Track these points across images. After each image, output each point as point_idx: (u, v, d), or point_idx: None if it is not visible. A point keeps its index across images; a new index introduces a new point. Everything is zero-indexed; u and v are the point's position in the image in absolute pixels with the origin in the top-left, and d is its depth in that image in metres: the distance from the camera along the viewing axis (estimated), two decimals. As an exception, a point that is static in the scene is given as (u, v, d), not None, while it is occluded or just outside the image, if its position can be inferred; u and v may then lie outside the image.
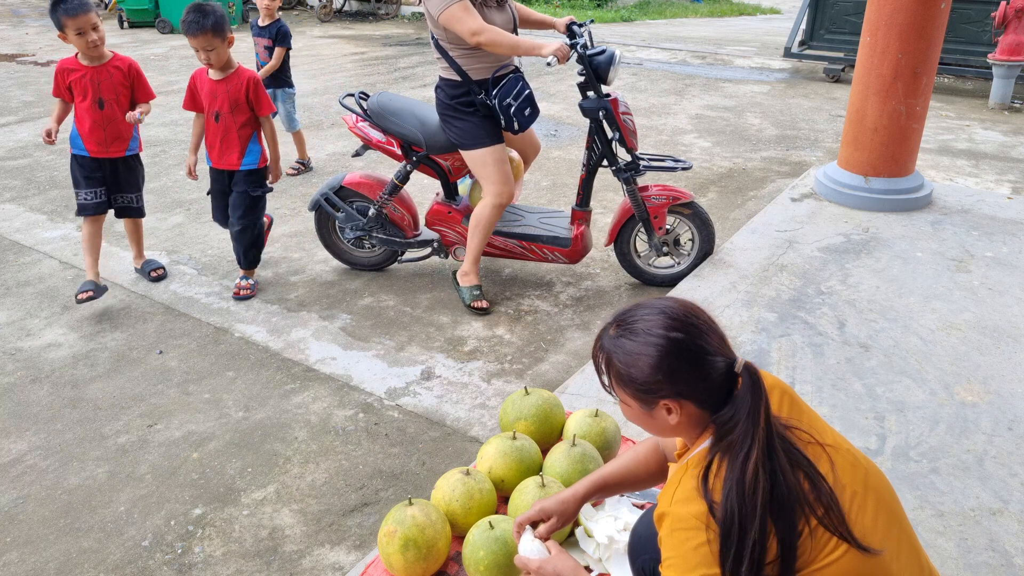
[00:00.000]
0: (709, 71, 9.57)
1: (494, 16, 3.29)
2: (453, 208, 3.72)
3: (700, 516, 1.22)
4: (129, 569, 2.19)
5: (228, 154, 3.58)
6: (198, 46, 3.38)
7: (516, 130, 3.38)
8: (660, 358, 1.27)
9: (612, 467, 1.75)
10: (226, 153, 3.58)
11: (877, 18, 4.26)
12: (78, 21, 3.30)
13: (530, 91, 3.37)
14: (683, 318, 1.30)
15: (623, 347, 1.32)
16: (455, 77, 3.33)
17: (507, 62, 3.41)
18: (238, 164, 3.59)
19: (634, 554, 1.66)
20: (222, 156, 3.59)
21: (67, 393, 3.01)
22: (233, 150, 3.57)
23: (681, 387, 1.28)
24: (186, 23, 3.33)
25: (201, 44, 3.36)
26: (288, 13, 14.56)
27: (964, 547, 2.09)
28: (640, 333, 1.30)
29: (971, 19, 8.06)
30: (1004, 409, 2.68)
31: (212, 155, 3.62)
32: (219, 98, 3.49)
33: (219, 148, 3.57)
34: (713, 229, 3.69)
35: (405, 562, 1.87)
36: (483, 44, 3.13)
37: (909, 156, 4.52)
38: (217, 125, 3.52)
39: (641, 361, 1.29)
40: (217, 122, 3.52)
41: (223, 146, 3.56)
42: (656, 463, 1.71)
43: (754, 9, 18.33)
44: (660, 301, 1.35)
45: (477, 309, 3.57)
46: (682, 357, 1.27)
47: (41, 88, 8.03)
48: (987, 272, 3.70)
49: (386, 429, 2.79)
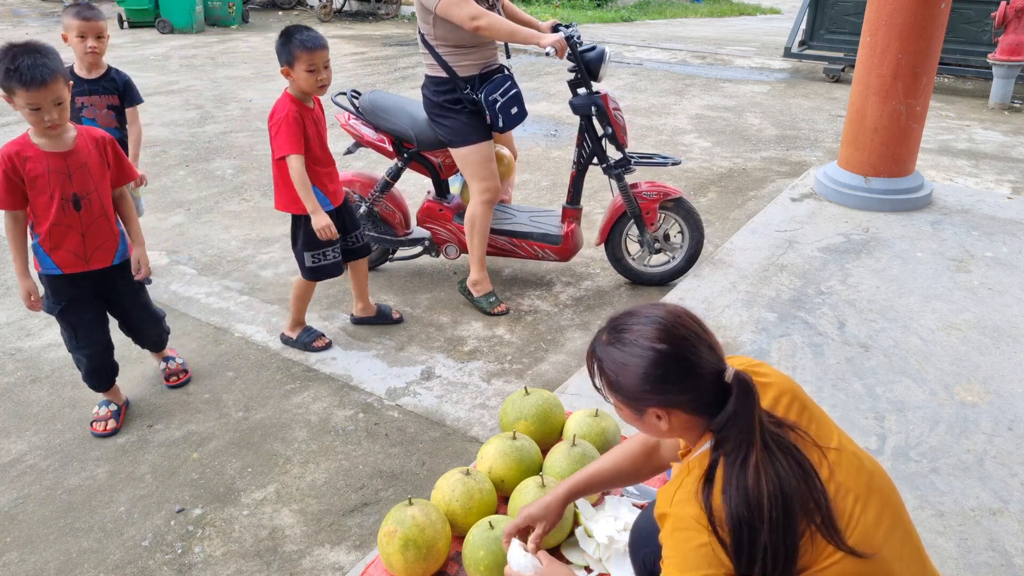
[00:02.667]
0: (709, 71, 9.57)
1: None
2: (444, 206, 3.73)
3: (700, 518, 1.23)
4: (129, 569, 2.19)
5: (97, 248, 2.54)
6: (40, 101, 2.26)
7: (501, 128, 3.38)
8: (647, 370, 1.27)
9: (598, 465, 1.75)
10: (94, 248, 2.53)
11: (877, 18, 4.26)
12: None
13: (518, 91, 3.38)
14: (671, 329, 1.29)
15: (612, 356, 1.32)
16: (441, 74, 3.34)
17: (493, 61, 3.41)
18: (111, 258, 2.58)
19: (635, 548, 1.67)
20: (90, 253, 2.52)
21: (67, 393, 3.01)
22: (104, 240, 2.54)
23: (668, 397, 1.28)
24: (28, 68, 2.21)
25: (50, 96, 2.27)
26: (288, 13, 14.57)
27: (964, 547, 2.09)
28: (628, 344, 1.30)
29: (971, 19, 8.06)
30: (1004, 409, 2.68)
31: (61, 255, 2.48)
32: (75, 174, 2.42)
33: (81, 243, 2.49)
34: (700, 219, 3.69)
35: (405, 562, 1.87)
36: (482, 28, 3.11)
37: (909, 156, 4.52)
38: (79, 214, 2.46)
39: (628, 371, 1.29)
40: (79, 210, 2.45)
41: (88, 240, 2.50)
42: (645, 459, 1.71)
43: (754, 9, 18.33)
44: (651, 310, 1.35)
45: (499, 314, 3.58)
46: (669, 369, 1.27)
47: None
48: (987, 272, 3.70)
49: (386, 429, 2.79)
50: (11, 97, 2.28)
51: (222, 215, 4.80)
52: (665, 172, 5.45)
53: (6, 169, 2.34)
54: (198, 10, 12.00)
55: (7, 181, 2.35)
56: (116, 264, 2.61)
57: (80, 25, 3.05)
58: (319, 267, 3.12)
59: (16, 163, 2.35)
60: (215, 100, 7.61)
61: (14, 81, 2.22)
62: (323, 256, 3.11)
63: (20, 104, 2.28)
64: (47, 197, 2.40)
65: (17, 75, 2.21)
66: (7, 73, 2.23)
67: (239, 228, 4.61)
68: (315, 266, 3.12)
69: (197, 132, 6.56)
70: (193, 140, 6.33)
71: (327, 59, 2.88)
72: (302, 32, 2.83)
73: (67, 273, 2.51)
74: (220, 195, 5.13)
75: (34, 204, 2.42)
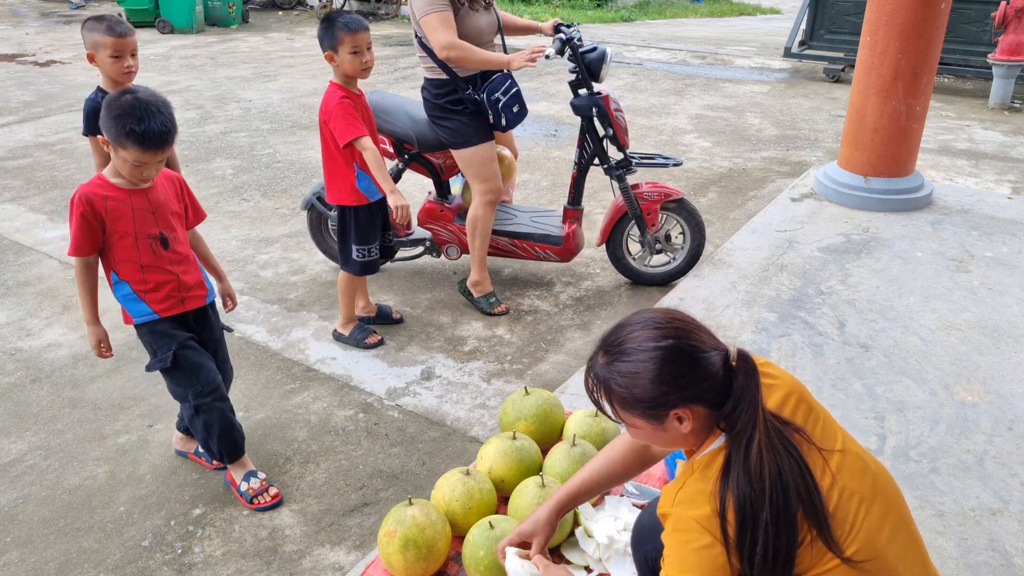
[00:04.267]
0: (709, 71, 9.57)
1: (480, 19, 3.29)
2: (445, 206, 3.73)
3: (702, 520, 1.22)
4: (129, 569, 2.19)
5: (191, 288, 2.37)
6: (150, 161, 2.12)
7: (504, 127, 3.37)
8: (659, 369, 1.26)
9: (587, 472, 1.74)
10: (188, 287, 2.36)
11: (877, 18, 4.26)
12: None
13: (518, 89, 3.38)
14: (667, 324, 1.30)
15: (619, 371, 1.30)
16: (441, 76, 3.33)
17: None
18: (204, 298, 2.43)
19: (637, 544, 1.67)
20: (185, 293, 2.35)
21: (67, 393, 3.01)
22: (197, 277, 2.40)
23: (687, 392, 1.27)
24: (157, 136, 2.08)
25: (160, 158, 2.15)
26: (288, 13, 14.57)
27: (964, 547, 2.09)
28: (631, 352, 1.29)
29: (971, 19, 8.06)
30: (1004, 409, 2.68)
31: (157, 298, 2.29)
32: (158, 212, 2.27)
33: (177, 283, 2.32)
34: (702, 220, 3.69)
35: (405, 562, 1.87)
36: (452, 59, 3.16)
37: (909, 156, 4.52)
38: (167, 253, 2.29)
39: (641, 379, 1.27)
40: (167, 249, 2.29)
41: (184, 278, 2.34)
42: (636, 457, 1.71)
43: (754, 9, 18.33)
44: (639, 316, 1.34)
45: (499, 314, 3.58)
46: (679, 361, 1.26)
47: (41, 88, 8.03)
48: (987, 272, 3.70)
49: (386, 429, 2.79)
50: (117, 149, 2.09)
51: (222, 215, 4.80)
52: (665, 172, 5.45)
53: (84, 212, 2.12)
54: (198, 10, 11.99)
55: (85, 224, 2.14)
56: (209, 304, 2.44)
57: (115, 43, 2.72)
58: (366, 262, 3.18)
59: (96, 204, 2.14)
60: (215, 100, 7.61)
61: (134, 141, 2.04)
62: (369, 252, 3.16)
63: (124, 157, 2.09)
64: (132, 238, 2.20)
65: (141, 139, 2.03)
66: (131, 134, 2.03)
67: (239, 228, 4.61)
68: (363, 260, 3.17)
69: (197, 132, 6.56)
70: (193, 140, 6.33)
71: (370, 40, 2.86)
72: (344, 15, 2.84)
73: (164, 317, 2.31)
74: (220, 195, 5.13)
75: (118, 247, 2.20)
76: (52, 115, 7.02)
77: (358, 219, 3.07)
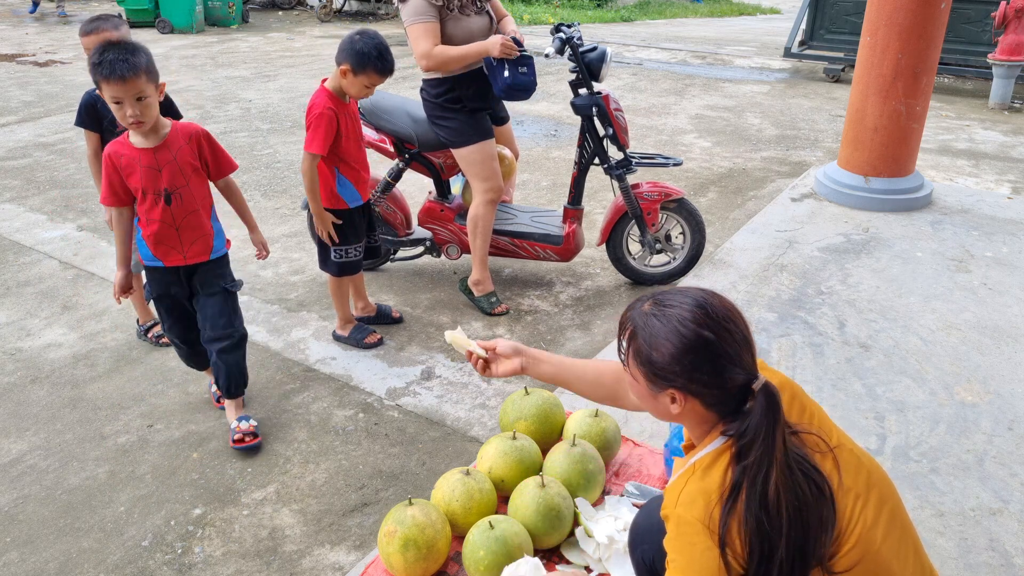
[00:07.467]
0: (709, 71, 9.57)
1: (471, 23, 3.28)
2: (446, 206, 3.73)
3: (705, 521, 1.22)
4: (129, 569, 2.19)
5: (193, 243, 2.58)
6: (121, 95, 2.28)
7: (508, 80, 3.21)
8: (683, 351, 1.25)
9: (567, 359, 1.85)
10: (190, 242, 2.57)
11: (877, 18, 4.26)
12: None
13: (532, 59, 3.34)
14: (719, 319, 1.28)
15: (651, 327, 1.29)
16: (437, 75, 3.34)
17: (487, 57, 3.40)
18: (208, 253, 2.63)
19: (634, 544, 1.66)
20: (186, 248, 2.57)
21: (67, 393, 3.01)
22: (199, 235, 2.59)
23: (694, 385, 1.27)
24: (111, 63, 2.25)
25: (130, 91, 2.28)
26: (288, 13, 14.57)
27: (964, 547, 2.09)
28: (671, 319, 1.28)
29: (971, 19, 8.06)
30: (1004, 409, 2.68)
31: (160, 251, 2.55)
32: (165, 169, 2.46)
33: (176, 239, 2.55)
34: (702, 220, 3.69)
35: (405, 562, 1.87)
36: (430, 69, 3.24)
37: (909, 156, 4.52)
38: (170, 208, 2.50)
39: (664, 347, 1.27)
40: (170, 204, 2.50)
41: (183, 234, 2.55)
42: (612, 382, 1.78)
43: (754, 9, 18.33)
44: (702, 293, 1.32)
45: (499, 314, 3.58)
46: (705, 357, 1.25)
47: (41, 88, 8.03)
48: (987, 272, 3.70)
49: (386, 429, 2.79)
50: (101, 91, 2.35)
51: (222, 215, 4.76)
52: (665, 172, 5.45)
53: (107, 165, 2.45)
54: (198, 10, 12.00)
55: (109, 179, 2.46)
56: (213, 259, 2.65)
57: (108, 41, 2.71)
58: (344, 263, 3.19)
59: (114, 161, 2.44)
60: (215, 100, 7.61)
61: (99, 74, 2.29)
62: (346, 253, 3.17)
63: (106, 97, 2.33)
64: (141, 193, 2.47)
65: (100, 68, 2.28)
66: (93, 67, 2.30)
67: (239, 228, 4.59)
68: (341, 261, 3.18)
69: (197, 132, 6.55)
70: (193, 140, 6.32)
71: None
72: (384, 54, 2.85)
73: (168, 267, 2.58)
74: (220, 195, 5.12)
75: (138, 201, 2.51)
76: (52, 115, 7.02)
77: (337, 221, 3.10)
